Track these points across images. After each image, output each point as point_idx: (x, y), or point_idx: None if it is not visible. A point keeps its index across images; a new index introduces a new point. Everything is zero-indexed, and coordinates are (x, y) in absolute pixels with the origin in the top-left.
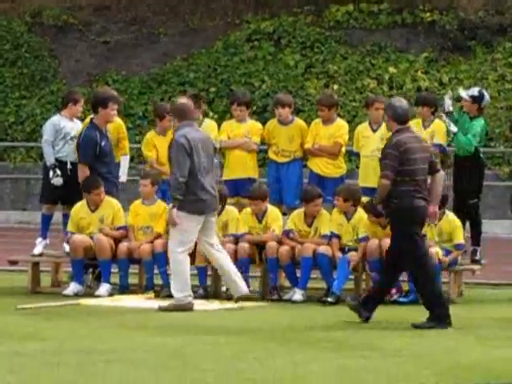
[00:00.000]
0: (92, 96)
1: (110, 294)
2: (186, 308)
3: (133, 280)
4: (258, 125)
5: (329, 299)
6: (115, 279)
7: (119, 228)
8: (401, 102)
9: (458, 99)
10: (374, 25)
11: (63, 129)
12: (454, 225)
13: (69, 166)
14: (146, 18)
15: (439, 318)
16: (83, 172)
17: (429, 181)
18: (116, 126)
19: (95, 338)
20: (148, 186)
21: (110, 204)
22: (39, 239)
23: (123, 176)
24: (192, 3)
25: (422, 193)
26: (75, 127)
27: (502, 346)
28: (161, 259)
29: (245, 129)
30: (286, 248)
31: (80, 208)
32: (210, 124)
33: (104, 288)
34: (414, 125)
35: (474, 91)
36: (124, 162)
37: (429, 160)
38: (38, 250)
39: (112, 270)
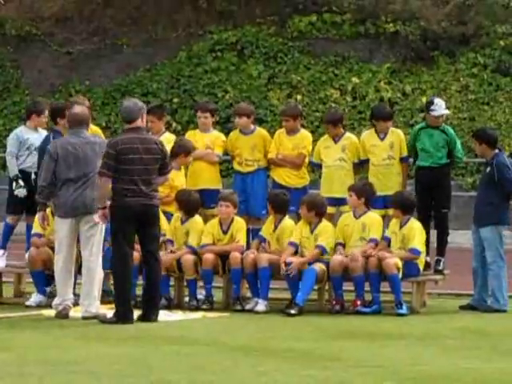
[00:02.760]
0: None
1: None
2: (59, 316)
3: None
4: (221, 136)
5: (292, 311)
6: None
7: None
8: (129, 102)
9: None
10: (337, 35)
11: (27, 140)
12: (413, 232)
13: (33, 176)
14: (109, 29)
15: (122, 315)
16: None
17: None
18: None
19: (58, 349)
20: None
21: None
22: (0, 251)
23: None
24: (155, 14)
25: (136, 192)
26: (40, 138)
27: (464, 357)
28: (135, 271)
29: (208, 139)
30: (252, 256)
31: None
32: (168, 137)
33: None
34: (369, 136)
35: (442, 102)
36: None
37: (160, 162)
38: (1, 263)
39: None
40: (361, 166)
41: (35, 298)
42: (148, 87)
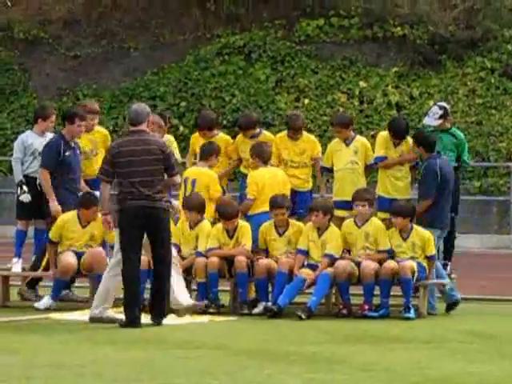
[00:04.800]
0: (63, 111)
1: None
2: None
3: None
4: (226, 139)
5: (302, 315)
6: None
7: None
8: (136, 106)
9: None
10: (344, 39)
11: (31, 145)
12: (425, 238)
13: (38, 181)
14: (117, 32)
15: (129, 319)
16: (44, 177)
17: None
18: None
19: (64, 352)
20: None
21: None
22: (15, 259)
23: None
24: (162, 17)
25: (136, 194)
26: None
27: (471, 360)
28: (143, 275)
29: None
30: (264, 262)
31: (70, 220)
32: (169, 138)
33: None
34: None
35: (437, 112)
36: None
37: (163, 163)
38: (17, 268)
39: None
40: (371, 167)
41: (46, 301)
42: (155, 91)
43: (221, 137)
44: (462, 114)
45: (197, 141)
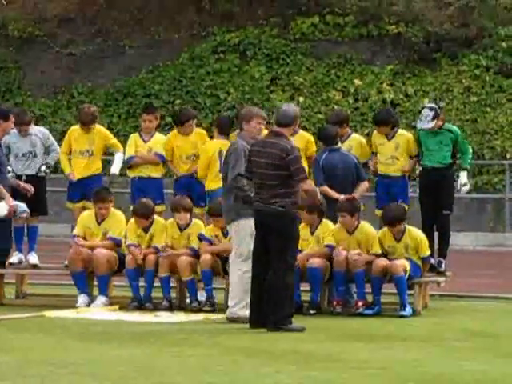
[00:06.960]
0: None
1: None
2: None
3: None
4: (203, 133)
5: (311, 311)
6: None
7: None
8: (286, 108)
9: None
10: (339, 37)
11: (14, 145)
12: (418, 240)
13: (24, 178)
14: (112, 30)
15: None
16: None
17: None
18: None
19: (59, 351)
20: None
21: (116, 217)
22: (15, 252)
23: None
24: (157, 15)
25: (256, 195)
26: (23, 142)
27: (466, 358)
28: (135, 273)
29: (191, 141)
30: None
31: (88, 217)
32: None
33: (100, 300)
34: (378, 134)
35: (429, 114)
36: (117, 157)
37: (282, 169)
38: (14, 259)
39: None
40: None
41: (82, 299)
42: (150, 89)
43: (197, 131)
44: (457, 111)
45: (175, 139)
